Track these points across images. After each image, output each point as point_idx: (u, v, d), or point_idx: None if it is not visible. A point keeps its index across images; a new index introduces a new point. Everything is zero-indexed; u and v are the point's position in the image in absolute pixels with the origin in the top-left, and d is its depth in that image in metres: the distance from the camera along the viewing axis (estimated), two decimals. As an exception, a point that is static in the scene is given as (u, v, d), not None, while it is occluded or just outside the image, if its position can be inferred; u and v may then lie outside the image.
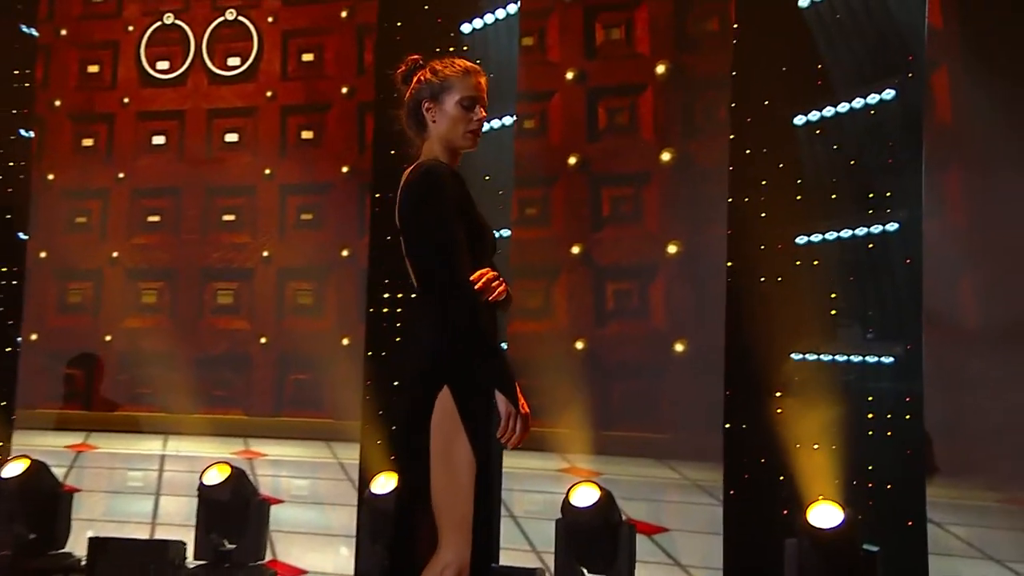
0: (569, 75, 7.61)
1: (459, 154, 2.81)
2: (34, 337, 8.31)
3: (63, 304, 8.62)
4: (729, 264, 5.04)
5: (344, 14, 8.31)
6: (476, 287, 2.58)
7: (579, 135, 7.64)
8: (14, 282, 5.59)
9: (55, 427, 7.99)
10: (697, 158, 7.22)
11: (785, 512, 4.91)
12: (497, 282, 2.64)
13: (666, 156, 7.40)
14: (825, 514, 4.24)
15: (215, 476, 5.22)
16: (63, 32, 8.73)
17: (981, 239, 6.02)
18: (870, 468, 4.51)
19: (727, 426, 4.91)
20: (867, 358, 4.81)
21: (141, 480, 7.44)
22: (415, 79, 2.79)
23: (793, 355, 4.91)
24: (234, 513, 5.20)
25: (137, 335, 8.42)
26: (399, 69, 2.85)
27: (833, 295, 4.87)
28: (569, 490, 4.70)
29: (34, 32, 5.76)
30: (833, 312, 4.72)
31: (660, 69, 7.46)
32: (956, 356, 5.48)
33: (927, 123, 4.77)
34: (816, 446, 4.78)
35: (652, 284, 7.41)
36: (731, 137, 5.15)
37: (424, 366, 2.66)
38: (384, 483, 5.04)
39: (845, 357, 4.86)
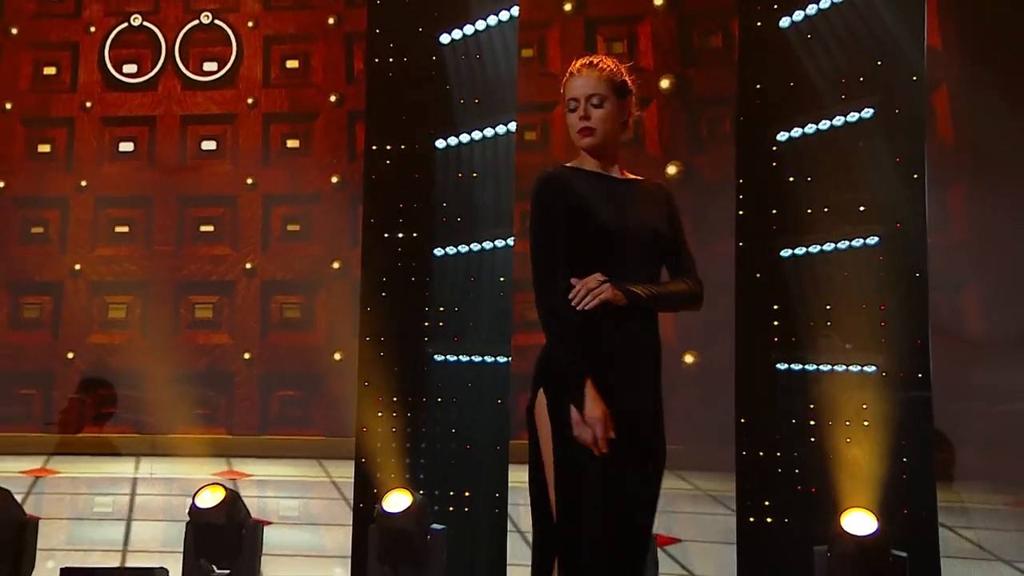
0: (571, 88, 7.98)
1: (606, 155, 3.07)
2: (-17, 354, 8.60)
3: (16, 319, 8.65)
4: (737, 277, 5.59)
5: (332, 21, 8.54)
6: (570, 295, 2.88)
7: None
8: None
9: (9, 451, 8.04)
10: (703, 172, 7.56)
11: (785, 522, 5.37)
12: (591, 292, 2.89)
13: (672, 170, 7.69)
14: (859, 522, 4.54)
15: (209, 498, 5.33)
16: (14, 31, 8.81)
17: (984, 251, 6.52)
18: (880, 475, 4.82)
19: (739, 435, 5.22)
20: (865, 368, 5.16)
21: (109, 505, 7.52)
22: None
23: (779, 365, 5.25)
24: (228, 537, 5.34)
25: (104, 352, 8.52)
26: None
27: (833, 305, 5.29)
28: None
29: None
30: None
31: (664, 83, 7.79)
32: (962, 365, 5.91)
33: (929, 141, 5.22)
34: (826, 456, 5.31)
35: None
36: (737, 152, 5.71)
37: (534, 372, 3.00)
38: (397, 501, 5.23)
39: (845, 367, 5.18)
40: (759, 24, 5.58)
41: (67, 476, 7.90)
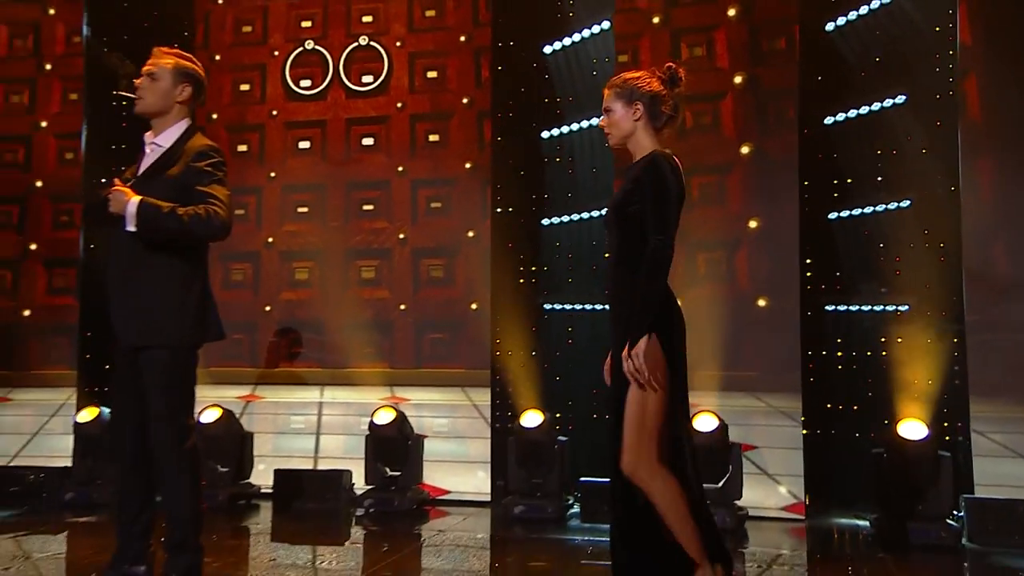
0: (660, 86, 7.91)
1: (629, 150, 3.07)
2: (205, 309, 8.98)
3: (227, 282, 8.93)
4: (801, 235, 5.68)
5: (463, 39, 8.63)
6: None
7: (671, 134, 7.70)
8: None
9: (226, 382, 8.31)
10: (771, 152, 7.47)
11: (841, 432, 5.44)
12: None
13: (744, 149, 7.66)
14: (912, 429, 4.63)
15: (384, 417, 5.71)
16: (217, 57, 9.09)
17: (1008, 210, 6.37)
18: (924, 392, 4.95)
19: (804, 364, 5.40)
20: (900, 307, 5.22)
21: (302, 423, 7.92)
22: None
23: (829, 307, 5.38)
24: (398, 447, 5.71)
25: (293, 305, 8.79)
26: None
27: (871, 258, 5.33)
28: (692, 417, 4.82)
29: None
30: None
31: (737, 79, 7.72)
32: (991, 303, 5.87)
33: (961, 120, 5.21)
34: (876, 378, 5.31)
35: (737, 253, 7.67)
36: (799, 135, 5.75)
37: None
38: (532, 418, 5.52)
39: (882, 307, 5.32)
40: (816, 29, 5.66)
41: (269, 400, 8.28)
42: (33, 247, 9.03)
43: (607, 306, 5.78)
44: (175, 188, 3.32)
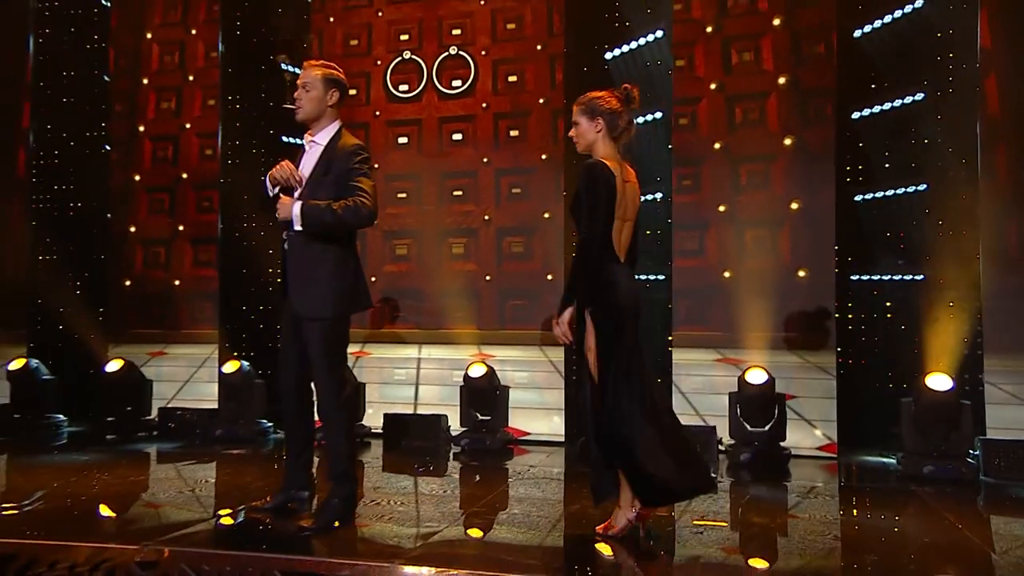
0: (712, 86, 7.84)
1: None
2: (317, 279, 9.22)
3: None
4: (837, 215, 5.72)
5: (539, 47, 8.67)
6: None
7: (722, 128, 7.83)
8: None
9: None
10: (810, 144, 7.46)
11: (870, 384, 5.48)
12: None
13: (787, 141, 7.62)
14: (939, 381, 4.67)
15: (477, 371, 5.79)
16: None
17: (1020, 193, 6.36)
18: (944, 348, 5.02)
19: (838, 325, 5.44)
20: (916, 276, 5.22)
21: (404, 375, 8.00)
22: None
23: (853, 276, 5.36)
24: (487, 396, 5.78)
25: (394, 277, 8.98)
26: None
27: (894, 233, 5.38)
28: (745, 371, 5.13)
29: (295, 69, 6.09)
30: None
31: (781, 80, 7.68)
32: (1005, 273, 5.84)
33: (981, 114, 5.18)
34: (902, 337, 5.39)
35: (780, 231, 7.65)
36: (838, 127, 5.75)
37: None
38: None
39: (889, 276, 5.33)
40: (849, 35, 5.65)
41: (376, 356, 8.43)
42: (181, 228, 9.40)
43: (650, 276, 6.02)
44: (334, 185, 3.54)
